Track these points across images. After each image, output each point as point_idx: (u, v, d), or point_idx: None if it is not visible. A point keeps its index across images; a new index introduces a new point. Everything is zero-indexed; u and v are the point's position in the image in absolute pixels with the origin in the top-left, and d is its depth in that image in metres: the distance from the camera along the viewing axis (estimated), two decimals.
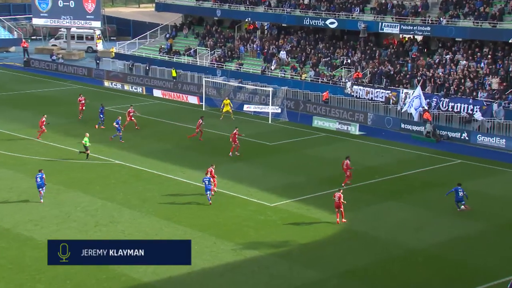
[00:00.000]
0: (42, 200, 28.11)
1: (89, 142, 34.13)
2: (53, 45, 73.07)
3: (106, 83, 56.56)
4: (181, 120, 44.24)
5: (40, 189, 28.12)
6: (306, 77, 51.05)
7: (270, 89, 46.51)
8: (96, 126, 39.98)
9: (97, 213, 27.26)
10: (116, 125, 37.65)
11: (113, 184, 31.23)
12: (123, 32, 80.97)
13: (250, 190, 30.64)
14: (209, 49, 59.34)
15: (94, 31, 72.19)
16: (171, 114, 46.30)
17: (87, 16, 67.41)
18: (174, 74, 57.06)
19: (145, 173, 32.89)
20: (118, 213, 27.32)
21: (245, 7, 59.26)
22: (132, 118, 39.91)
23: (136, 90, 54.56)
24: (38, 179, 28.09)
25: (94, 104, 44.89)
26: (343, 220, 26.55)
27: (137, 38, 67.10)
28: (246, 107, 47.62)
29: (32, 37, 78.98)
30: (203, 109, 47.90)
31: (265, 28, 61.30)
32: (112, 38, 77.63)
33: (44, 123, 38.06)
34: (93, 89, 54.79)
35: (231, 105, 44.99)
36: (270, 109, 45.57)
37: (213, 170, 29.15)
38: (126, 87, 55.34)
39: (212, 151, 37.10)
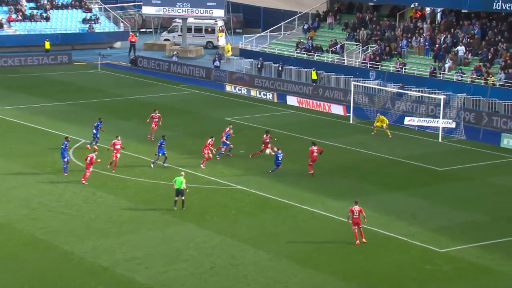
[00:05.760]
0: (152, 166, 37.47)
1: (185, 184, 31.56)
2: (165, 40, 76.45)
3: (228, 88, 58.09)
4: (322, 135, 44.31)
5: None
6: (493, 81, 49.56)
7: (442, 96, 45.61)
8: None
9: (213, 251, 27.86)
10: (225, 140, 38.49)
11: (234, 215, 31.83)
12: (251, 23, 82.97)
13: (411, 229, 30.10)
14: (360, 44, 59.29)
15: (216, 22, 74.67)
16: (309, 128, 46.54)
17: (208, 3, 69.76)
18: (314, 76, 57.50)
19: (274, 203, 33.23)
20: (240, 253, 27.75)
21: None
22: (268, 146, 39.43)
23: (265, 97, 55.57)
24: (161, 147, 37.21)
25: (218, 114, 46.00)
26: (363, 240, 28.19)
27: (268, 30, 68.59)
28: (408, 120, 47.02)
29: (141, 30, 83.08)
30: (351, 122, 47.82)
31: (437, 15, 60.14)
32: (237, 30, 79.86)
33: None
34: (212, 94, 56.44)
35: (387, 122, 44.44)
36: (441, 123, 44.71)
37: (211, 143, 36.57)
38: (253, 92, 56.50)
39: (361, 176, 36.95)
